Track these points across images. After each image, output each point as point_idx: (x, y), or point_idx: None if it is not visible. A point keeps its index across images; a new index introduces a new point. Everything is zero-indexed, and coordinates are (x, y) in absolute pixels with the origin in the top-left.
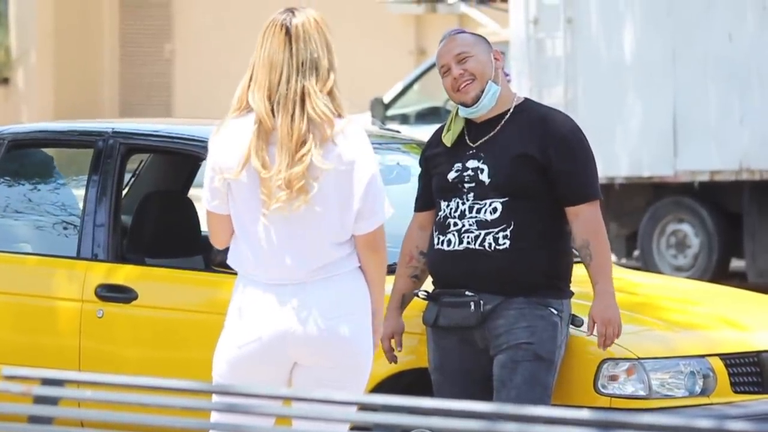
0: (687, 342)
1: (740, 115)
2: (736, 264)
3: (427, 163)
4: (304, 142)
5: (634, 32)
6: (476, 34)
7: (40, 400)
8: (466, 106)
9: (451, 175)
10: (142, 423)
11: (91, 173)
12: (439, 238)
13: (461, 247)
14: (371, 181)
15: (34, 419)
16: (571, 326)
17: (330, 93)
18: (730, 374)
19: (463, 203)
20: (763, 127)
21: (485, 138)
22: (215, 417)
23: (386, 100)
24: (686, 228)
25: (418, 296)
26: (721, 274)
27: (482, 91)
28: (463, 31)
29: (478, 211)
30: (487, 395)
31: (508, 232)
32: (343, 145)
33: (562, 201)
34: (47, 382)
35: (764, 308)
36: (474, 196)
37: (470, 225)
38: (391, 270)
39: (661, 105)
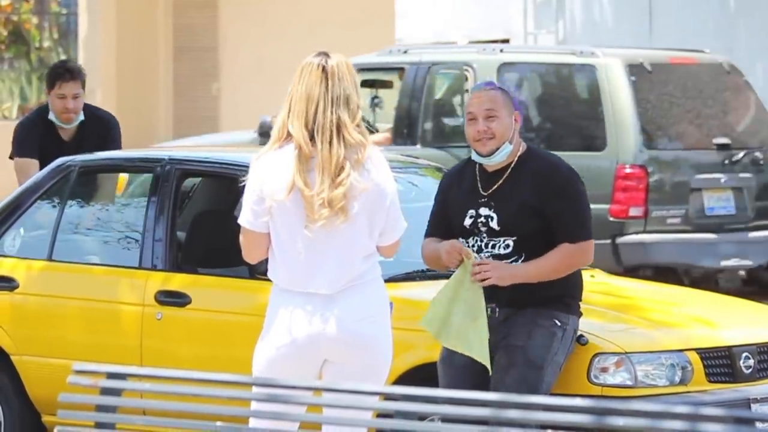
0: (668, 338)
1: None
2: None
3: (445, 197)
4: (342, 168)
5: None
6: (506, 92)
7: (106, 391)
8: (480, 155)
9: (467, 222)
10: (195, 411)
11: (151, 195)
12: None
13: None
14: (393, 200)
15: (100, 408)
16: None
17: (358, 125)
18: (705, 366)
19: (480, 241)
20: None
21: (494, 188)
22: (255, 406)
23: None
24: None
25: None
26: None
27: (497, 149)
28: (496, 87)
29: (493, 246)
30: (484, 389)
31: (519, 262)
32: (372, 169)
33: (558, 239)
34: (112, 375)
35: (734, 309)
36: (488, 235)
37: (486, 258)
38: (407, 278)
39: None
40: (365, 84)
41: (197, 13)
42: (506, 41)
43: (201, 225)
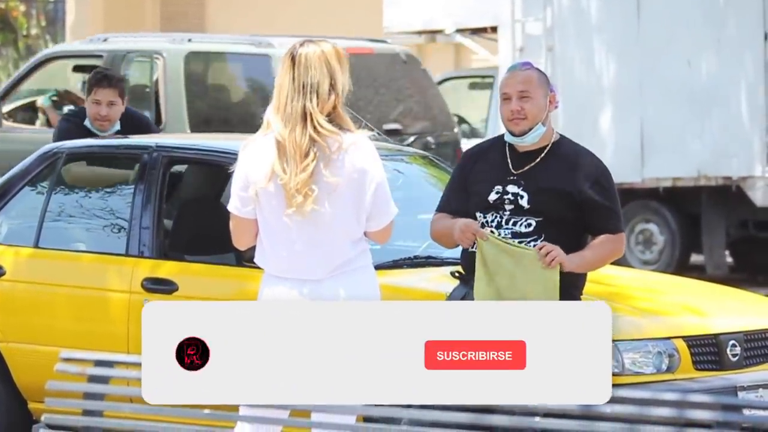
0: (654, 326)
1: (698, 130)
2: (696, 258)
3: (466, 173)
4: (306, 154)
5: (607, 59)
6: (542, 73)
7: (93, 379)
8: (513, 135)
9: (492, 197)
10: None
11: (138, 182)
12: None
13: None
14: (379, 186)
15: (88, 395)
16: None
17: (334, 111)
18: (692, 354)
19: (501, 217)
20: (717, 140)
21: (526, 168)
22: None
23: None
24: (652, 227)
25: (453, 276)
26: (682, 267)
27: (530, 129)
28: (532, 67)
29: (514, 224)
30: None
31: (538, 242)
32: (355, 156)
33: (590, 230)
34: (100, 363)
35: (720, 297)
36: (511, 213)
37: (505, 234)
38: (395, 265)
39: (630, 121)
40: (77, 69)
41: (185, 1)
42: (495, 29)
43: (188, 212)
